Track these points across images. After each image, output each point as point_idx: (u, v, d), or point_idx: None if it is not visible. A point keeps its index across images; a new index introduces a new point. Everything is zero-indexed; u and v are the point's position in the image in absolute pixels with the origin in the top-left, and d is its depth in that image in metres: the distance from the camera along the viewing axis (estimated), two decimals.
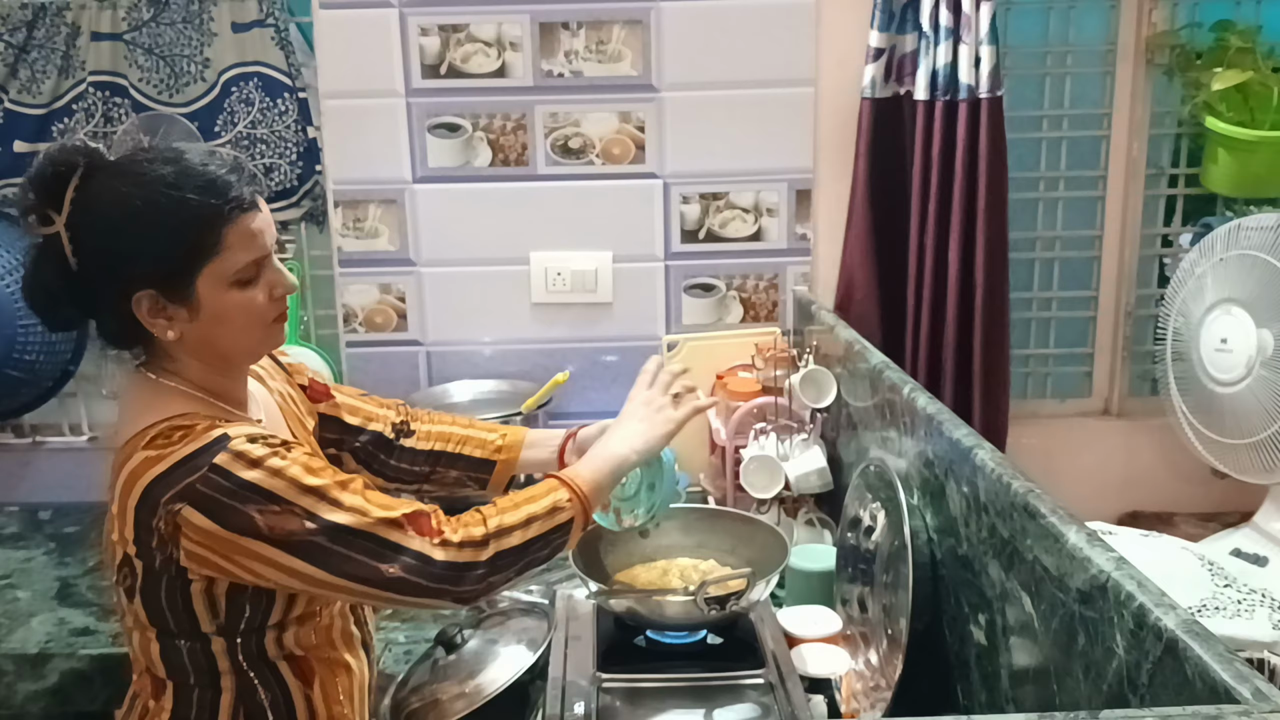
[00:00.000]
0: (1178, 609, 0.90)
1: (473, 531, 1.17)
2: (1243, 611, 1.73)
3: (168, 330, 1.16)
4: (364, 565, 1.12)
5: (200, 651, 1.19)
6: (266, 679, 1.21)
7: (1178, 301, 2.12)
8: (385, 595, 1.14)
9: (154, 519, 1.10)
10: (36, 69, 2.22)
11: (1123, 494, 2.39)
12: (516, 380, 2.30)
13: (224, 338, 1.19)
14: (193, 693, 1.20)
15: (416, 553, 1.14)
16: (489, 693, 1.41)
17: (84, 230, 1.13)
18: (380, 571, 1.13)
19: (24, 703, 1.74)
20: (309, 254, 2.38)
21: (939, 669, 1.38)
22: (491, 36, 2.21)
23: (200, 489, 1.09)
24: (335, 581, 1.13)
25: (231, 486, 1.09)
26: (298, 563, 1.11)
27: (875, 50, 2.12)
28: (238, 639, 1.19)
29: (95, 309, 1.17)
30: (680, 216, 2.29)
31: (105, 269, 1.14)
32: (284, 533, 1.10)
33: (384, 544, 1.13)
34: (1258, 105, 2.15)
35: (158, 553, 1.12)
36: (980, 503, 1.23)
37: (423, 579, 1.14)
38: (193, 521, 1.10)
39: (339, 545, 1.12)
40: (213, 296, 1.15)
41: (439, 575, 1.14)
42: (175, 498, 1.09)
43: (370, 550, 1.13)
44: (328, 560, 1.12)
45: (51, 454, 2.43)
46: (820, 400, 1.93)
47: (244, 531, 1.10)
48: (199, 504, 1.09)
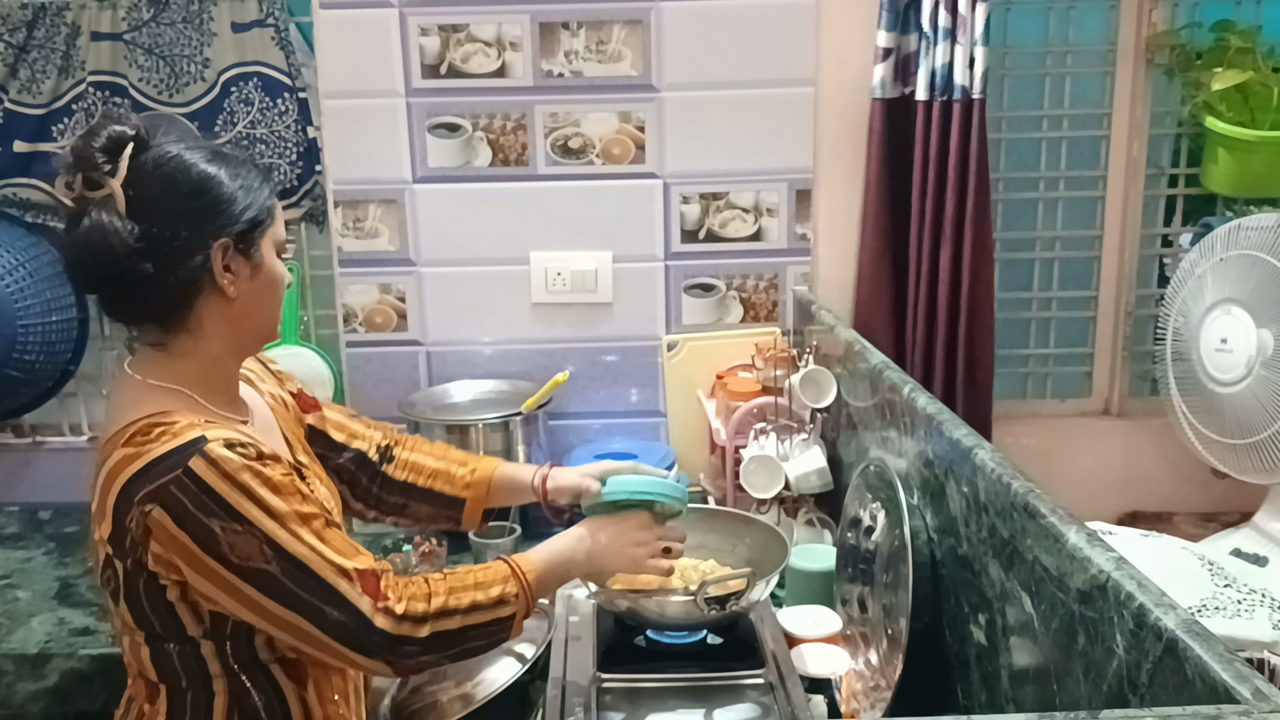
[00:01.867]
0: (1178, 609, 0.90)
1: (415, 606, 1.16)
2: (1243, 611, 1.73)
3: (231, 286, 1.18)
4: (309, 605, 1.12)
5: (190, 655, 1.17)
6: (259, 681, 1.19)
7: (1178, 301, 2.12)
8: (325, 640, 1.13)
9: (127, 518, 1.10)
10: (36, 69, 2.22)
11: (1123, 494, 2.39)
12: (516, 380, 2.31)
13: (265, 306, 1.24)
14: (186, 696, 1.19)
15: (357, 612, 1.13)
16: (489, 692, 1.41)
17: (148, 183, 1.14)
18: (324, 614, 1.12)
19: (24, 703, 1.74)
20: (309, 254, 2.38)
21: (939, 669, 1.38)
22: (491, 36, 2.21)
23: (173, 491, 1.08)
24: (282, 614, 1.12)
25: (201, 495, 1.08)
26: (250, 590, 1.11)
27: (884, 50, 2.12)
28: (226, 643, 1.17)
29: (159, 264, 1.14)
30: (680, 216, 2.29)
31: (186, 217, 1.15)
32: (242, 555, 1.09)
33: (330, 591, 1.12)
34: (1258, 105, 2.15)
35: (129, 554, 1.12)
36: (980, 503, 1.23)
37: (361, 636, 1.13)
38: (162, 525, 1.09)
39: (290, 580, 1.11)
40: (269, 260, 1.23)
41: (376, 641, 1.14)
42: (147, 497, 1.09)
43: (318, 592, 1.12)
44: (278, 591, 1.11)
45: (51, 454, 2.43)
46: (820, 400, 1.93)
47: (205, 547, 1.09)
48: (169, 507, 1.08)
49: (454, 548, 2.00)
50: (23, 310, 2.19)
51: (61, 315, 2.27)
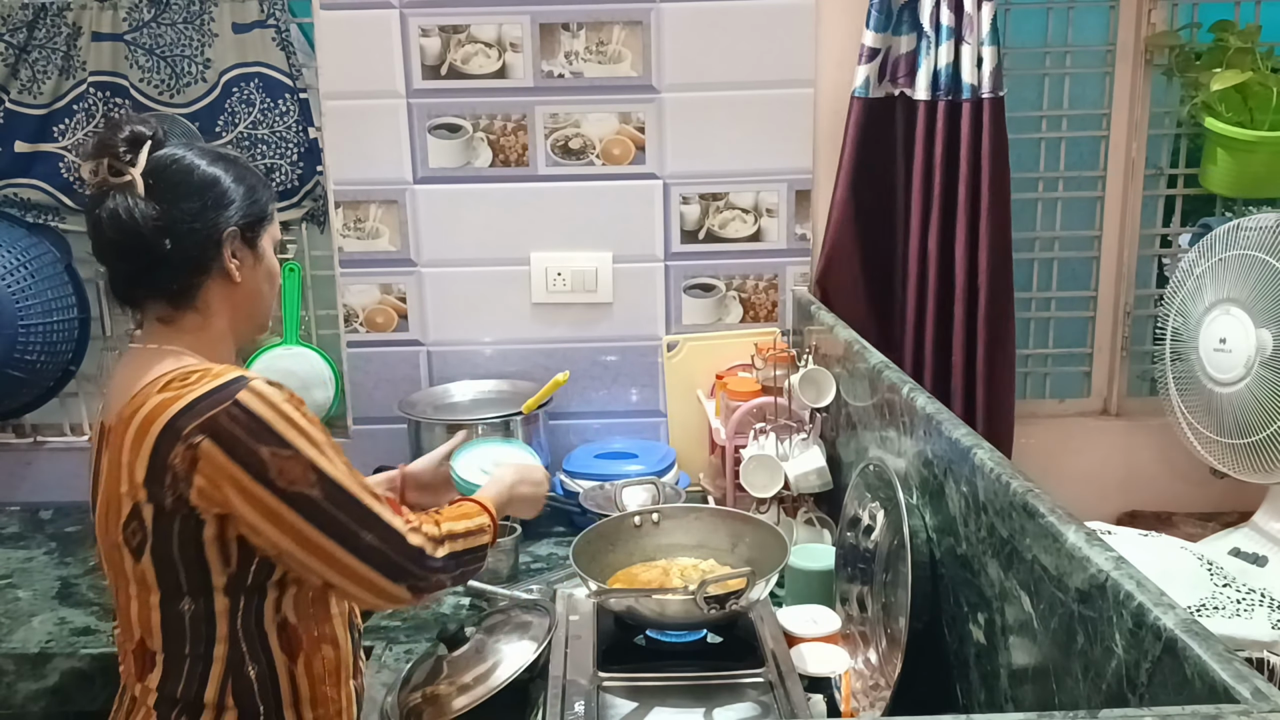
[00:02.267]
0: (1177, 608, 0.90)
1: (430, 529, 1.26)
2: (1242, 611, 1.73)
3: (238, 271, 1.28)
4: (347, 529, 1.18)
5: (201, 615, 1.21)
6: (256, 652, 1.23)
7: (1177, 301, 2.12)
8: (356, 566, 1.19)
9: (171, 454, 1.15)
10: (37, 69, 2.22)
11: (1122, 494, 2.39)
12: (516, 380, 2.31)
13: (262, 296, 1.34)
14: (184, 664, 1.22)
15: (392, 530, 1.21)
16: (492, 688, 1.41)
17: (165, 174, 1.24)
18: (359, 538, 1.19)
19: (24, 702, 1.74)
20: (310, 254, 2.38)
21: (938, 668, 1.38)
22: (492, 37, 2.21)
23: (222, 422, 1.15)
24: (319, 540, 1.18)
25: (250, 422, 1.16)
26: (293, 516, 1.17)
27: (870, 50, 2.12)
28: (240, 598, 1.22)
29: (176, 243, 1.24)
30: (680, 217, 2.29)
31: (195, 202, 1.25)
32: (288, 480, 1.16)
33: (367, 512, 1.20)
34: (1257, 105, 2.15)
35: (169, 493, 1.16)
36: (979, 502, 1.24)
37: (393, 554, 1.21)
38: (210, 455, 1.15)
39: (331, 504, 1.18)
40: (268, 252, 1.34)
41: (408, 555, 1.22)
42: (198, 429, 1.15)
43: (355, 515, 1.19)
44: (318, 517, 1.17)
45: (52, 454, 2.44)
46: (820, 400, 1.93)
47: (254, 473, 1.15)
48: (219, 436, 1.15)
49: None
50: (24, 310, 2.19)
51: (62, 315, 2.27)
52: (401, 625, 1.76)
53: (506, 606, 1.63)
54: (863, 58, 2.13)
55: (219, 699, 1.22)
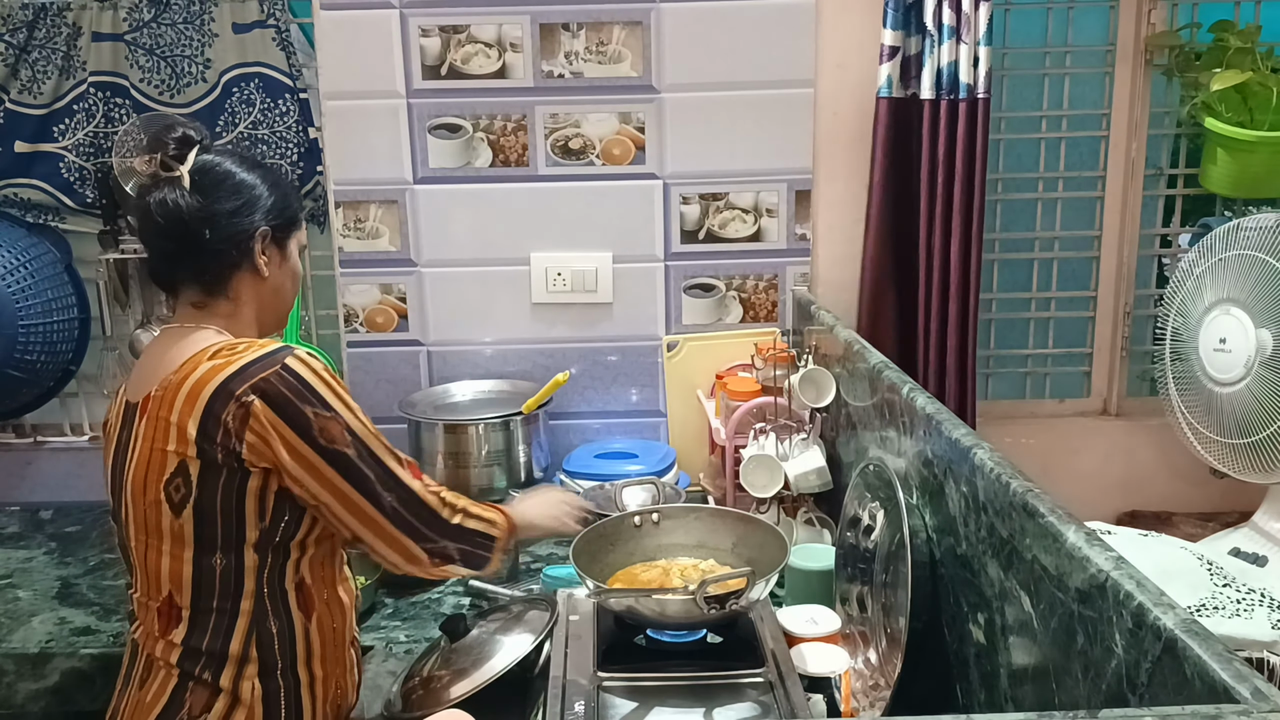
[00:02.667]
0: (1177, 608, 0.90)
1: (450, 498, 1.40)
2: (1242, 611, 1.73)
3: (266, 267, 1.40)
4: (372, 486, 1.32)
5: (231, 570, 1.30)
6: (278, 608, 1.33)
7: (1177, 302, 2.12)
8: (384, 523, 1.33)
9: (224, 412, 1.26)
10: (37, 69, 2.22)
11: (1122, 494, 2.39)
12: (517, 380, 2.31)
13: (285, 293, 1.46)
14: (210, 618, 1.31)
15: (409, 489, 1.35)
16: (489, 676, 1.42)
17: (211, 173, 1.37)
18: (383, 498, 1.33)
19: (24, 702, 1.74)
20: (310, 254, 2.38)
21: (938, 668, 1.38)
22: (492, 38, 2.21)
23: (272, 382, 1.27)
24: (350, 495, 1.31)
25: (298, 385, 1.28)
26: (329, 471, 1.29)
27: (890, 49, 2.12)
28: (269, 557, 1.31)
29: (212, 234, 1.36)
30: (680, 217, 2.29)
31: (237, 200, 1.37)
32: (328, 438, 1.29)
33: (389, 473, 1.34)
34: (1256, 106, 2.15)
35: (220, 448, 1.27)
36: (979, 502, 1.24)
37: (408, 513, 1.35)
38: (260, 413, 1.26)
39: (361, 462, 1.31)
40: (294, 254, 1.46)
41: (422, 517, 1.36)
42: (250, 389, 1.26)
43: (379, 475, 1.33)
44: (351, 473, 1.30)
45: (52, 454, 2.44)
46: (819, 400, 1.93)
47: (299, 430, 1.28)
48: (269, 396, 1.27)
49: None
50: (24, 310, 2.19)
51: (62, 315, 2.27)
52: (401, 626, 1.77)
53: (508, 603, 1.64)
54: (883, 56, 2.13)
55: (243, 651, 1.31)
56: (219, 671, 1.31)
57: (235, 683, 1.31)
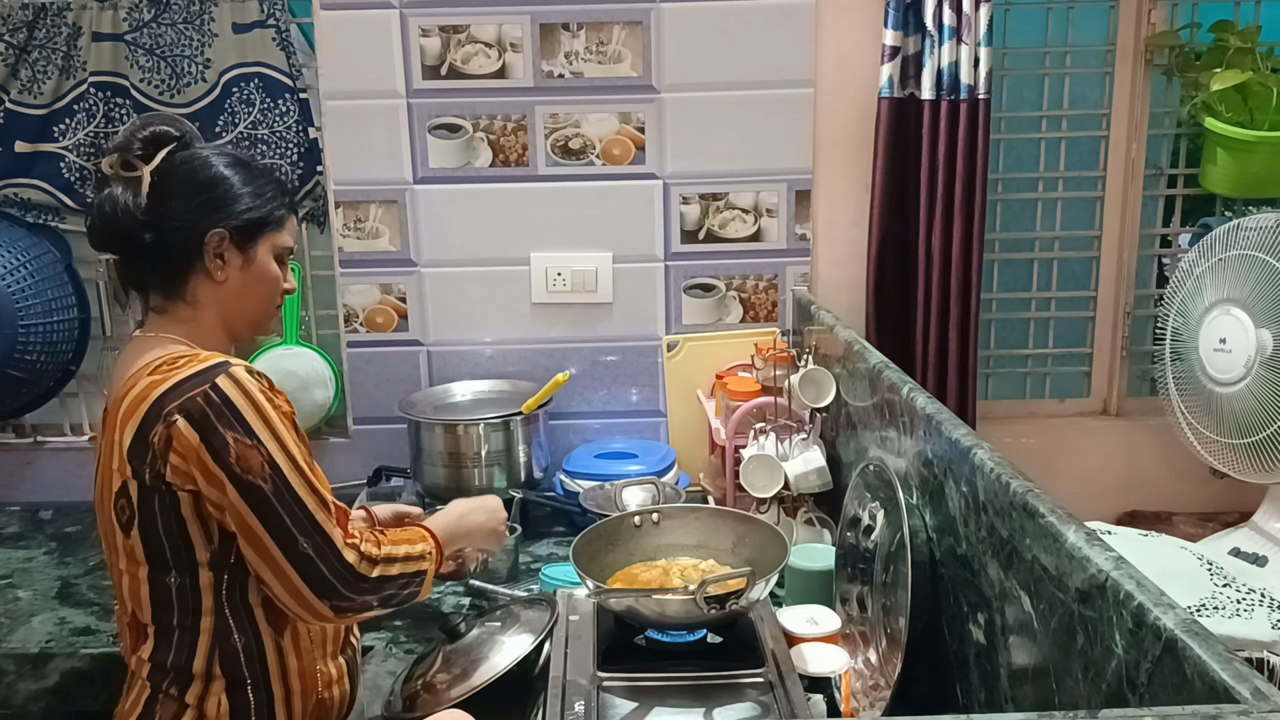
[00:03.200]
0: (1177, 608, 0.90)
1: (370, 549, 1.29)
2: (1242, 611, 1.73)
3: (219, 271, 1.34)
4: (287, 531, 1.23)
5: (188, 588, 1.27)
6: (242, 624, 1.29)
7: (1177, 302, 2.12)
8: (289, 571, 1.23)
9: (151, 432, 1.22)
10: (37, 69, 2.22)
11: (1122, 494, 2.39)
12: (517, 380, 2.31)
13: (252, 298, 1.38)
14: (173, 635, 1.28)
15: (330, 541, 1.25)
16: (489, 676, 1.42)
17: (173, 174, 1.32)
18: (296, 543, 1.23)
19: (24, 702, 1.74)
20: (310, 254, 2.38)
21: (938, 668, 1.38)
22: (492, 38, 2.21)
23: (198, 402, 1.22)
24: (261, 535, 1.22)
25: (221, 406, 1.22)
26: (241, 504, 1.22)
27: (891, 49, 2.12)
28: (225, 573, 1.27)
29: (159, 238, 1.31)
30: (680, 217, 2.29)
31: (194, 206, 1.32)
32: (244, 468, 1.21)
33: (310, 519, 1.24)
34: (1256, 106, 2.15)
35: (148, 469, 1.23)
36: (979, 502, 1.24)
37: (324, 568, 1.24)
38: (183, 434, 1.21)
39: (277, 500, 1.23)
40: (263, 258, 1.38)
41: (337, 572, 1.25)
42: (175, 409, 1.21)
43: (297, 519, 1.23)
44: (264, 510, 1.22)
45: (52, 454, 2.44)
46: (819, 400, 1.93)
47: (216, 456, 1.21)
48: (192, 417, 1.21)
49: None
50: (24, 310, 2.19)
51: (63, 315, 2.27)
52: (401, 626, 1.77)
53: (508, 603, 1.64)
54: (885, 57, 2.13)
55: (207, 669, 1.28)
56: (185, 688, 1.28)
57: (201, 700, 1.28)
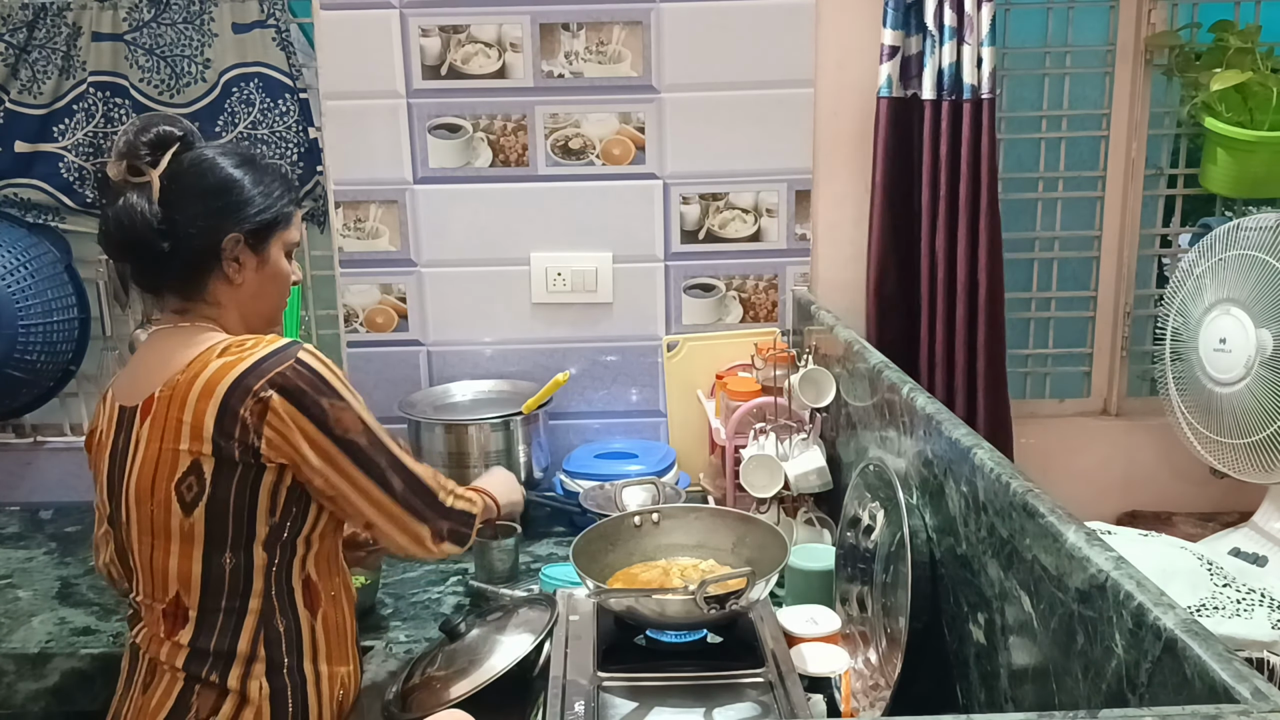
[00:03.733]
0: (1177, 608, 0.90)
1: (445, 481, 1.47)
2: (1242, 611, 1.73)
3: (237, 274, 1.38)
4: (383, 473, 1.36)
5: (240, 568, 1.31)
6: (285, 606, 1.35)
7: (1177, 302, 2.12)
8: (392, 507, 1.37)
9: (241, 407, 1.27)
10: (37, 69, 2.22)
11: (1122, 494, 2.39)
12: (517, 380, 2.31)
13: (268, 296, 1.43)
14: (218, 618, 1.32)
15: (414, 474, 1.40)
16: (488, 676, 1.42)
17: (182, 178, 1.34)
18: (392, 484, 1.37)
19: (24, 702, 1.74)
20: (310, 254, 2.38)
21: (938, 668, 1.38)
22: (492, 38, 2.21)
23: (289, 376, 1.29)
24: (364, 483, 1.34)
25: (312, 378, 1.31)
26: (345, 460, 1.32)
27: (890, 48, 2.12)
28: (276, 556, 1.33)
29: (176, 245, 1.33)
30: (680, 217, 2.29)
31: (208, 211, 1.34)
32: (342, 428, 1.32)
33: (395, 460, 1.38)
34: (1257, 106, 2.16)
35: (238, 444, 1.28)
36: (979, 502, 1.24)
37: (414, 497, 1.39)
38: (279, 408, 1.28)
39: (372, 450, 1.35)
40: (276, 257, 1.42)
41: (424, 499, 1.41)
42: (267, 384, 1.28)
43: (389, 461, 1.37)
44: (364, 461, 1.34)
45: (52, 454, 2.44)
46: (819, 400, 1.94)
47: (316, 420, 1.30)
48: (286, 389, 1.28)
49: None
50: (24, 310, 2.19)
51: (63, 315, 2.27)
52: (401, 626, 1.77)
53: (508, 603, 1.64)
54: (883, 56, 2.12)
55: (251, 649, 1.32)
56: (226, 671, 1.31)
57: (243, 682, 1.32)
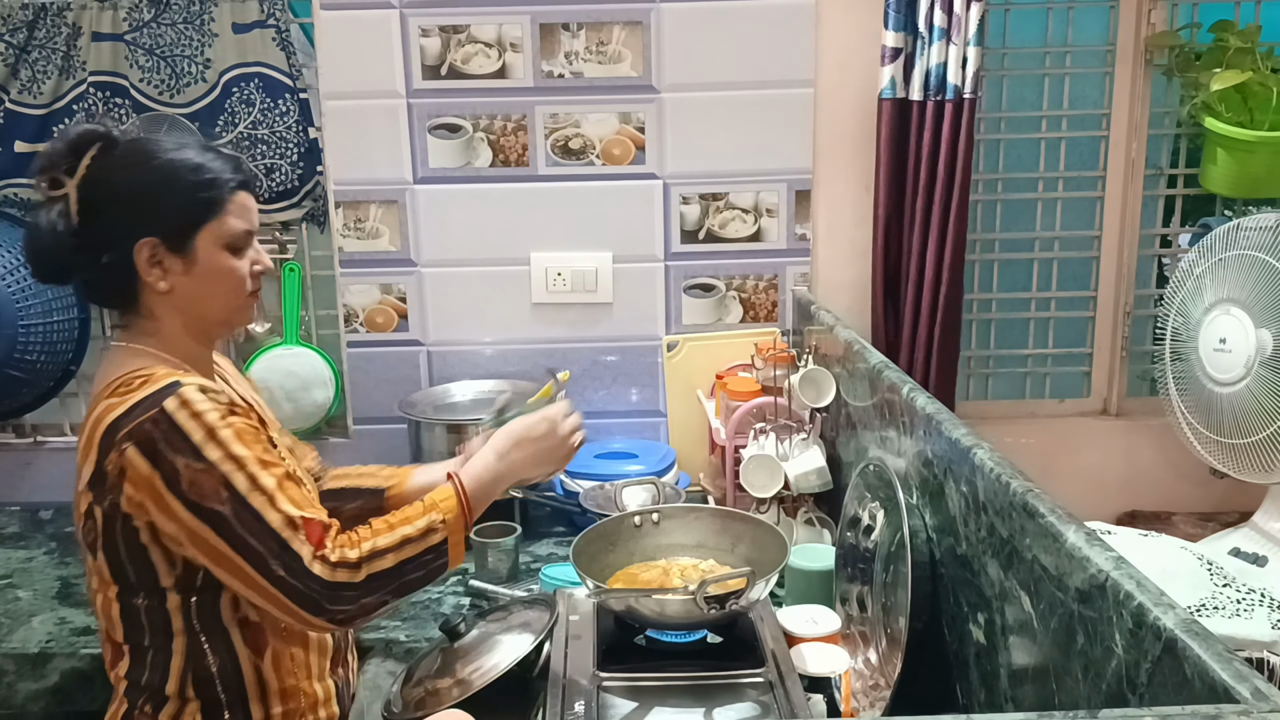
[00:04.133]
0: (1177, 608, 0.90)
1: (348, 554, 1.20)
2: (1242, 611, 1.73)
3: (161, 280, 1.27)
4: (255, 552, 1.17)
5: (156, 609, 1.24)
6: (216, 645, 1.26)
7: (1177, 301, 2.12)
8: (270, 590, 1.18)
9: (107, 460, 1.18)
10: (37, 69, 2.22)
11: (1122, 494, 2.39)
12: (517, 380, 2.31)
13: (209, 297, 1.30)
14: (146, 655, 1.26)
15: (298, 557, 1.17)
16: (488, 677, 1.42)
17: (97, 186, 1.25)
18: (269, 565, 1.17)
19: (24, 702, 1.74)
20: (310, 254, 2.38)
21: (938, 668, 1.38)
22: (492, 37, 2.21)
23: (146, 428, 1.16)
24: (231, 557, 1.17)
25: (171, 433, 1.16)
26: (205, 530, 1.17)
27: (892, 50, 2.12)
28: (193, 596, 1.24)
29: (93, 260, 1.25)
30: (680, 217, 2.29)
31: (115, 219, 1.25)
32: (199, 494, 1.16)
33: (275, 539, 1.17)
34: (1256, 106, 2.16)
35: (108, 496, 1.19)
36: (979, 502, 1.24)
37: (300, 585, 1.17)
38: (134, 463, 1.17)
39: (239, 523, 1.17)
40: (208, 254, 1.28)
41: (314, 589, 1.17)
42: (126, 436, 1.17)
43: (264, 537, 1.17)
44: (228, 534, 1.17)
45: (52, 454, 2.43)
46: (819, 400, 1.94)
47: (169, 482, 1.16)
48: (142, 444, 1.16)
49: None
50: (24, 310, 2.19)
51: (62, 315, 2.27)
52: (401, 626, 1.77)
53: (508, 603, 1.64)
54: (886, 58, 2.12)
55: (180, 689, 1.26)
56: (159, 707, 1.26)
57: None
